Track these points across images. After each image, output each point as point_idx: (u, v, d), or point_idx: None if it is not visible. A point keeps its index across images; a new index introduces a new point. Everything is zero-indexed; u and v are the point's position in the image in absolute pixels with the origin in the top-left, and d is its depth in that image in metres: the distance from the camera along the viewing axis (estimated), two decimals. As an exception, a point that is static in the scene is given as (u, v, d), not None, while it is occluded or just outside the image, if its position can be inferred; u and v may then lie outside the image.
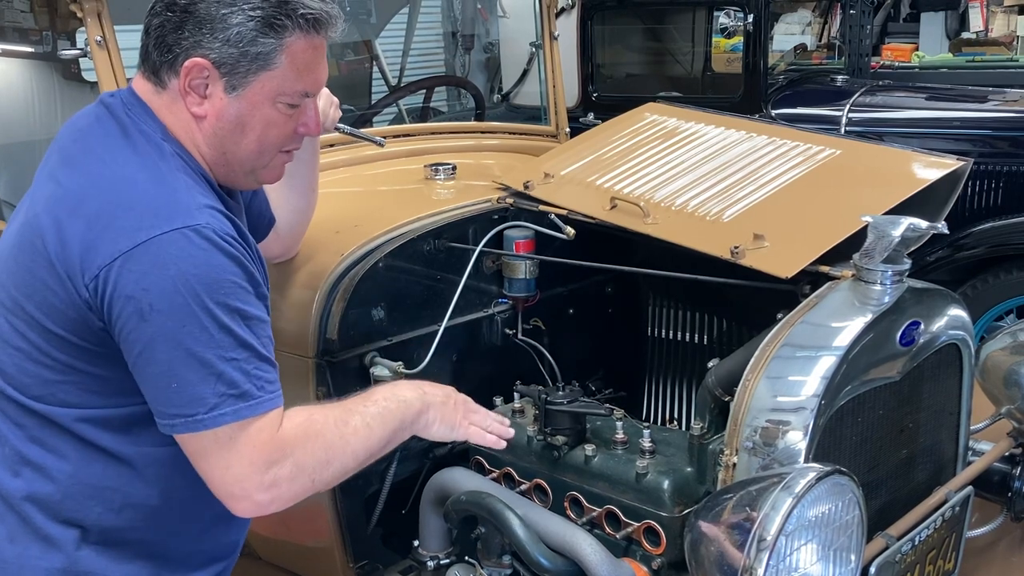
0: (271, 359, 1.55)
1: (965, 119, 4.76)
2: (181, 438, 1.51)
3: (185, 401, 1.47)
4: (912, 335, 1.89)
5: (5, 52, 3.44)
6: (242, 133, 1.61)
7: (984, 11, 7.66)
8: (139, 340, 1.46)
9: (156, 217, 1.47)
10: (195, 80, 1.57)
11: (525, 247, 2.34)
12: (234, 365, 1.48)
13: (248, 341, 1.49)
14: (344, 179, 2.63)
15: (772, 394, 1.75)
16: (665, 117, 2.68)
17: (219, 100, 1.58)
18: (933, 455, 2.11)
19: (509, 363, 2.38)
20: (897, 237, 1.76)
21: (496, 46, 5.49)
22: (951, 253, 4.52)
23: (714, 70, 6.05)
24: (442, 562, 2.11)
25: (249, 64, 1.56)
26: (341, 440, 1.58)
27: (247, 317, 1.50)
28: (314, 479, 1.55)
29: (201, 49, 1.55)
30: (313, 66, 1.62)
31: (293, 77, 1.59)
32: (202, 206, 1.52)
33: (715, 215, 2.19)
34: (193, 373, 1.46)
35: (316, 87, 1.66)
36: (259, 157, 1.66)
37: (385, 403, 1.67)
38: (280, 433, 1.52)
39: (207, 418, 1.47)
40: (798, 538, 1.55)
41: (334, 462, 1.57)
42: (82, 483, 1.60)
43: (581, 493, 1.97)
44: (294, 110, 1.64)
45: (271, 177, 1.74)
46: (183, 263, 1.45)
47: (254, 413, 1.49)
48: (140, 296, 1.44)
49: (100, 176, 1.53)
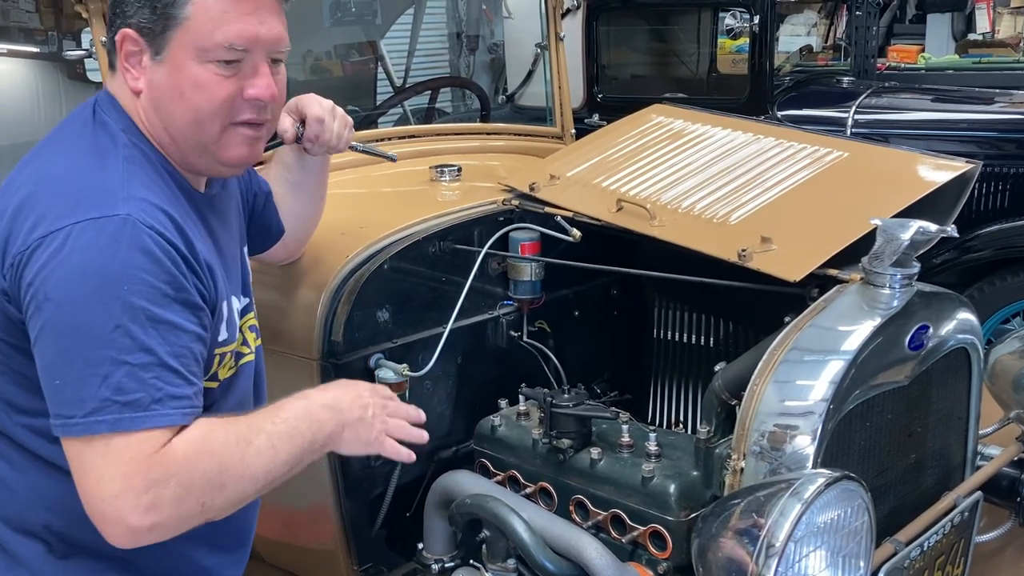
0: (181, 371, 1.41)
1: (971, 121, 4.74)
2: (63, 443, 1.39)
3: (64, 400, 1.36)
4: (921, 339, 1.88)
5: (11, 52, 3.45)
6: (172, 100, 1.51)
7: (991, 12, 7.64)
8: (33, 330, 1.38)
9: (77, 206, 1.39)
10: (129, 54, 1.51)
11: (530, 249, 2.33)
12: (126, 370, 1.34)
13: (149, 345, 1.36)
14: (349, 181, 2.62)
15: (780, 398, 1.74)
16: (672, 119, 2.67)
17: (149, 70, 1.51)
18: (942, 460, 2.09)
19: (514, 365, 2.37)
20: (906, 240, 1.74)
21: (501, 47, 5.48)
22: (958, 256, 4.51)
23: (719, 71, 6.04)
24: (446, 565, 2.09)
25: (162, 22, 1.48)
26: (241, 462, 1.42)
27: (156, 320, 1.38)
28: (204, 503, 1.39)
29: (125, 19, 1.50)
30: (230, 13, 1.49)
31: (208, 28, 1.48)
32: (132, 197, 1.42)
33: (722, 217, 2.18)
34: (76, 371, 1.34)
35: (245, 40, 1.51)
36: (198, 127, 1.53)
37: (296, 422, 1.50)
38: (167, 448, 1.36)
39: (82, 423, 1.34)
40: (807, 544, 1.54)
41: (229, 486, 1.41)
42: (37, 494, 1.53)
43: (586, 497, 1.96)
44: (230, 70, 1.51)
45: (231, 155, 1.58)
46: (87, 252, 1.36)
47: (137, 427, 1.35)
48: (38, 284, 1.36)
49: (37, 169, 1.49)
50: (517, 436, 2.12)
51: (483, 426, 2.18)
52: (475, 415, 2.25)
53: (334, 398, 1.59)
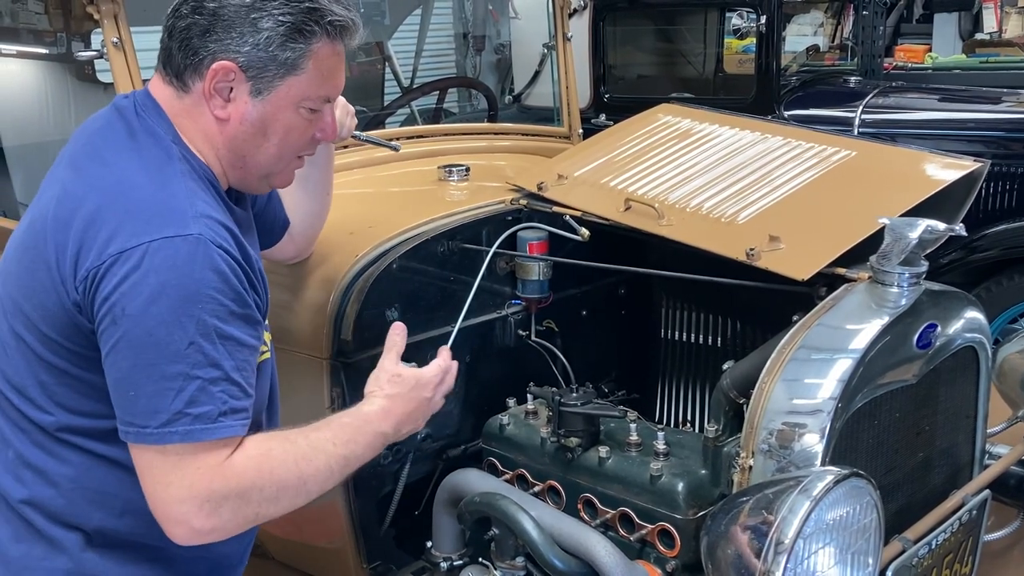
0: (243, 384, 1.50)
1: (978, 120, 4.74)
2: (131, 448, 1.48)
3: (139, 411, 1.44)
4: (929, 338, 1.88)
5: (20, 54, 3.46)
6: (263, 137, 1.61)
7: (998, 12, 7.62)
8: (108, 342, 1.45)
9: (149, 224, 1.45)
10: (220, 83, 1.56)
11: (538, 248, 2.34)
12: (198, 384, 1.43)
13: (218, 361, 1.45)
14: (358, 181, 2.63)
15: (788, 397, 1.75)
16: (679, 118, 2.68)
17: (243, 104, 1.58)
18: (950, 458, 2.10)
19: (522, 364, 2.38)
20: (914, 239, 1.75)
21: (508, 47, 5.49)
22: (965, 255, 4.51)
23: (726, 71, 6.04)
24: (455, 563, 2.11)
25: (277, 69, 1.56)
26: (298, 480, 1.53)
27: (224, 337, 1.46)
28: (259, 513, 1.50)
29: (229, 53, 1.55)
30: (335, 72, 1.63)
31: (317, 83, 1.60)
32: (199, 215, 1.49)
33: (730, 217, 2.18)
34: (152, 384, 1.42)
35: (336, 93, 1.67)
36: (277, 162, 1.66)
37: (355, 448, 1.61)
38: (229, 463, 1.46)
39: (156, 433, 1.43)
40: (816, 541, 1.54)
41: (284, 500, 1.52)
42: (83, 488, 1.59)
43: (595, 495, 1.97)
44: (314, 115, 1.64)
45: (283, 182, 1.74)
46: (164, 272, 1.42)
47: (208, 437, 1.44)
48: (117, 299, 1.42)
49: (101, 179, 1.53)
50: (525, 435, 2.13)
51: (491, 425, 2.19)
52: (483, 414, 2.26)
53: (390, 418, 1.69)
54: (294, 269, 2.18)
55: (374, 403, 1.70)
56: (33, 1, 3.29)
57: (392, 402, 1.70)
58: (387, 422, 1.68)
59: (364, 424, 1.65)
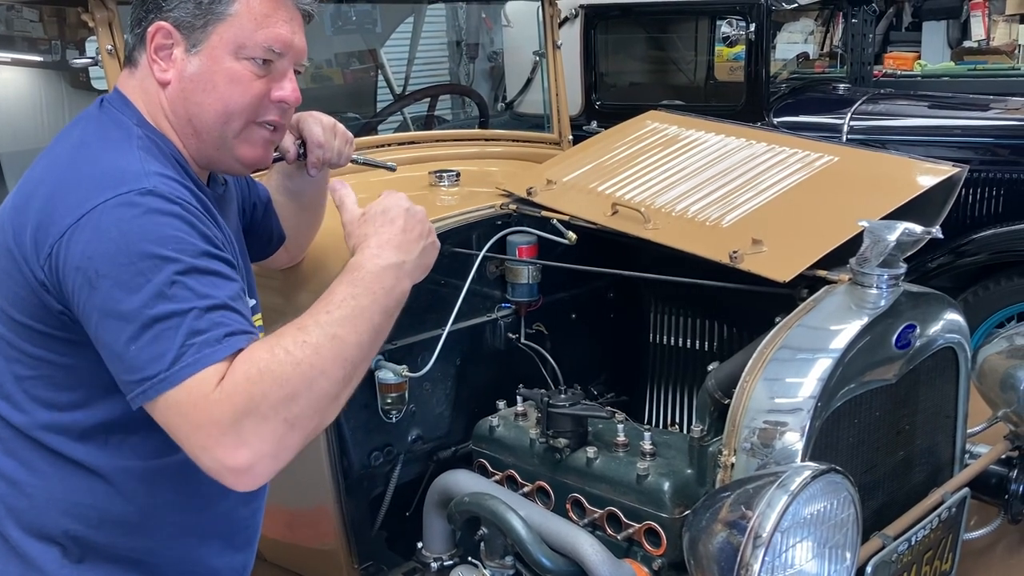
0: (242, 312, 1.42)
1: (967, 127, 4.77)
2: (152, 411, 1.38)
3: (144, 361, 1.35)
4: (908, 338, 1.91)
5: (14, 61, 3.48)
6: (204, 92, 1.56)
7: (986, 20, 7.65)
8: (92, 311, 1.39)
9: (101, 188, 1.42)
10: (159, 47, 1.55)
11: (528, 252, 2.37)
12: (193, 313, 1.35)
13: (207, 292, 1.38)
14: (351, 186, 2.64)
15: (769, 396, 1.78)
16: (666, 125, 2.71)
17: (181, 61, 1.55)
18: (930, 457, 2.13)
19: (512, 367, 2.40)
20: (892, 242, 1.78)
21: (500, 55, 5.51)
22: (952, 260, 4.54)
23: (717, 79, 6.06)
24: (445, 563, 2.13)
25: (205, 16, 1.53)
26: (299, 366, 1.36)
27: (205, 271, 1.40)
28: (286, 418, 1.34)
29: (161, 13, 1.54)
30: (273, 20, 1.57)
31: (251, 26, 1.55)
32: (151, 172, 1.45)
33: (714, 220, 2.22)
34: (148, 332, 1.35)
35: (282, 45, 1.58)
36: (226, 120, 1.58)
37: (355, 301, 1.45)
38: (220, 386, 1.34)
39: (168, 376, 1.34)
40: (793, 535, 1.57)
41: (302, 392, 1.35)
42: (55, 499, 1.54)
43: (583, 495, 2.00)
44: (263, 70, 1.57)
45: (249, 152, 1.63)
46: (124, 224, 1.38)
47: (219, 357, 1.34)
48: (86, 265, 1.38)
49: (56, 162, 1.52)
50: (515, 436, 2.15)
51: (481, 426, 2.22)
52: (473, 416, 2.29)
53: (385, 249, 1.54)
54: (286, 274, 2.21)
55: (362, 251, 1.55)
56: (28, 9, 3.31)
57: (377, 235, 1.57)
58: (385, 252, 1.54)
59: (359, 272, 1.50)
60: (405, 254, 1.56)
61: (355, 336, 1.42)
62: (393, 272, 1.52)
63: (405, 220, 1.60)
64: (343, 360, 1.40)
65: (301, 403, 1.35)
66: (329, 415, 1.42)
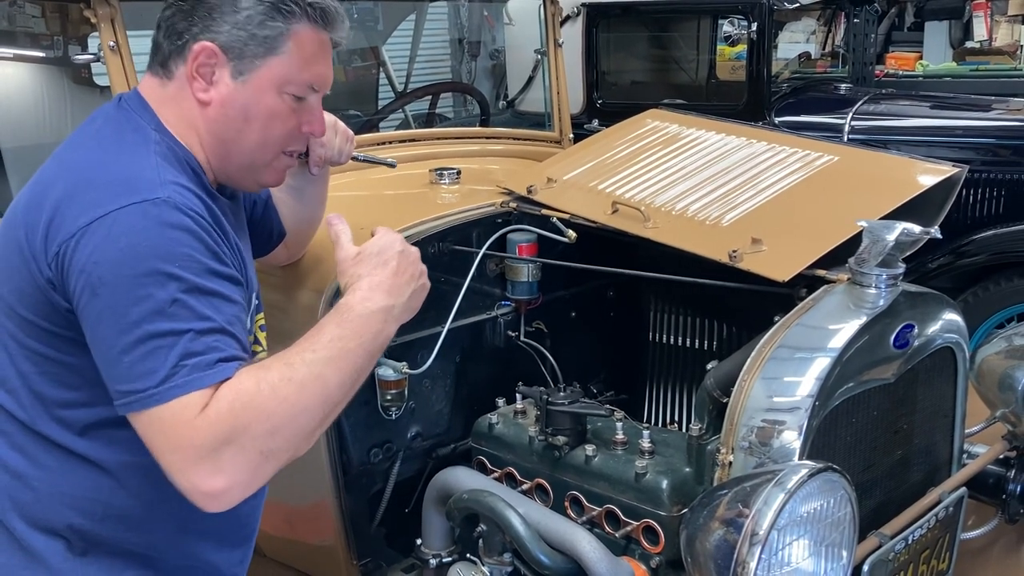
0: (238, 337, 1.44)
1: (968, 128, 4.78)
2: (135, 423, 1.41)
3: (135, 375, 1.37)
4: (906, 338, 1.92)
5: (16, 57, 3.49)
6: (245, 121, 1.60)
7: (988, 20, 7.66)
8: (91, 316, 1.41)
9: (116, 193, 1.43)
10: (203, 65, 1.56)
11: (528, 250, 2.37)
12: (189, 336, 1.38)
13: (207, 315, 1.40)
14: (350, 183, 2.66)
15: (767, 394, 1.78)
16: (666, 123, 2.71)
17: (225, 86, 1.58)
18: (928, 457, 2.13)
19: (511, 365, 2.41)
20: (891, 241, 1.78)
21: (502, 53, 5.51)
22: (953, 260, 4.54)
23: (718, 78, 6.07)
24: (444, 560, 2.14)
25: (256, 48, 1.56)
26: (283, 403, 1.39)
27: (207, 292, 1.42)
28: (262, 451, 1.38)
29: (209, 33, 1.55)
30: (318, 59, 1.62)
31: (299, 66, 1.59)
32: (167, 182, 1.47)
33: (714, 220, 2.22)
34: (142, 346, 1.37)
35: (321, 83, 1.64)
36: (261, 151, 1.63)
37: (342, 343, 1.47)
38: (204, 414, 1.36)
39: (156, 392, 1.36)
40: (790, 533, 1.57)
41: (282, 427, 1.39)
42: (60, 492, 1.55)
43: (581, 493, 2.00)
44: (299, 104, 1.63)
45: (272, 179, 1.71)
46: (135, 235, 1.40)
47: (208, 382, 1.37)
48: (91, 270, 1.39)
49: (72, 162, 1.53)
50: (514, 434, 2.16)
51: (481, 424, 2.22)
52: (473, 413, 2.29)
53: (376, 292, 1.56)
54: (285, 271, 2.21)
55: (352, 292, 1.57)
56: (30, 4, 3.31)
57: (370, 276, 1.59)
58: (375, 296, 1.56)
59: (348, 314, 1.52)
60: (395, 298, 1.58)
61: (338, 377, 1.46)
62: (381, 316, 1.55)
63: (398, 262, 1.62)
64: (325, 399, 1.44)
65: (280, 438, 1.40)
66: (303, 449, 1.45)
